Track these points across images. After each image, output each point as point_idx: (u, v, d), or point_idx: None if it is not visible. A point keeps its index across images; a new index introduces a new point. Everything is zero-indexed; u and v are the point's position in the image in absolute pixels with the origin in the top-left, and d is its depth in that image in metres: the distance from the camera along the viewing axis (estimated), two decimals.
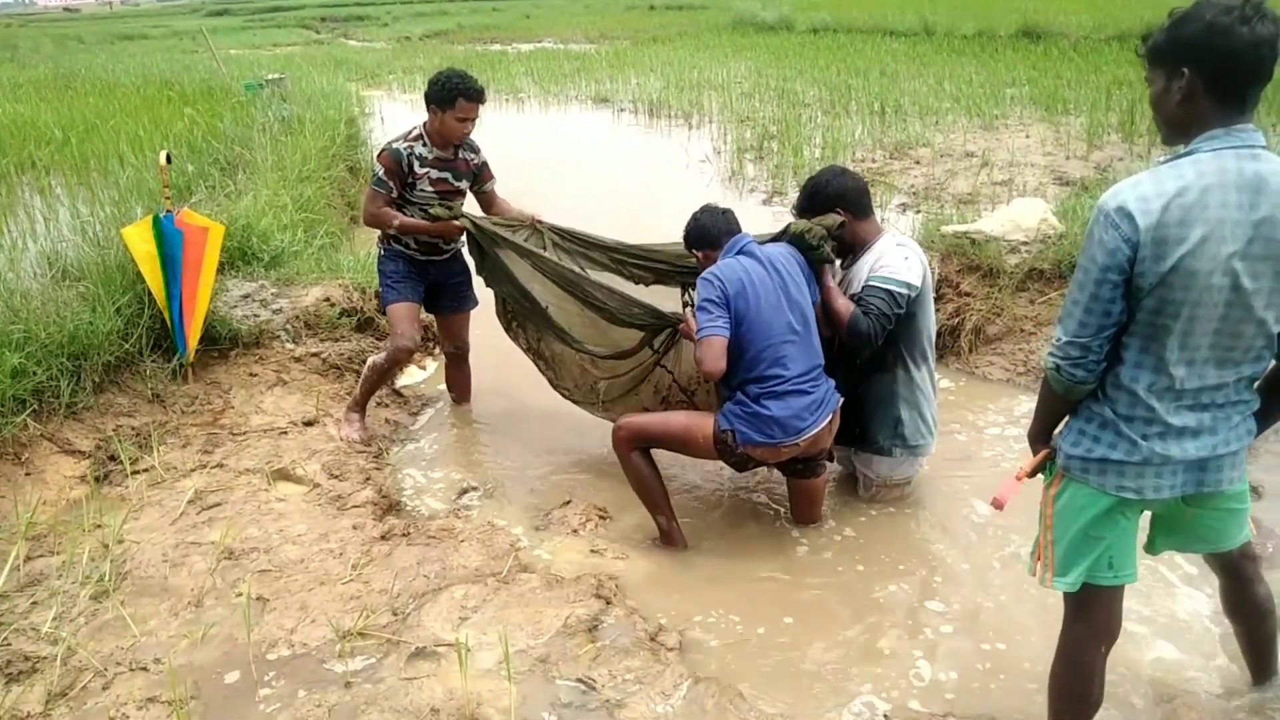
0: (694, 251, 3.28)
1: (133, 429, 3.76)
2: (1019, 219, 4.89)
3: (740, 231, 3.22)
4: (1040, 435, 2.05)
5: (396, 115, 12.08)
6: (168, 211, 3.96)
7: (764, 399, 2.97)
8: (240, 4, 47.74)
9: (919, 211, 6.71)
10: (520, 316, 3.90)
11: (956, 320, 4.59)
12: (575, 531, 3.26)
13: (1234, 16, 1.65)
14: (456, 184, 3.90)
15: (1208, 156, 1.71)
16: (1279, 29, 1.65)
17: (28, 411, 3.43)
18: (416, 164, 3.78)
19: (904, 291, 3.08)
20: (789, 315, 3.02)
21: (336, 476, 3.57)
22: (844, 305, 3.13)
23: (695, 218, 3.27)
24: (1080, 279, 1.79)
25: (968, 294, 4.71)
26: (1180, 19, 1.73)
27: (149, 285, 3.98)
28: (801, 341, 3.04)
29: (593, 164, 9.64)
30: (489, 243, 3.76)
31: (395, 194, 3.79)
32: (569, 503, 3.41)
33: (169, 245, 3.90)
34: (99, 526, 3.16)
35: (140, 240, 3.91)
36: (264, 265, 4.95)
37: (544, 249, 3.80)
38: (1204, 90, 1.71)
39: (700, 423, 3.11)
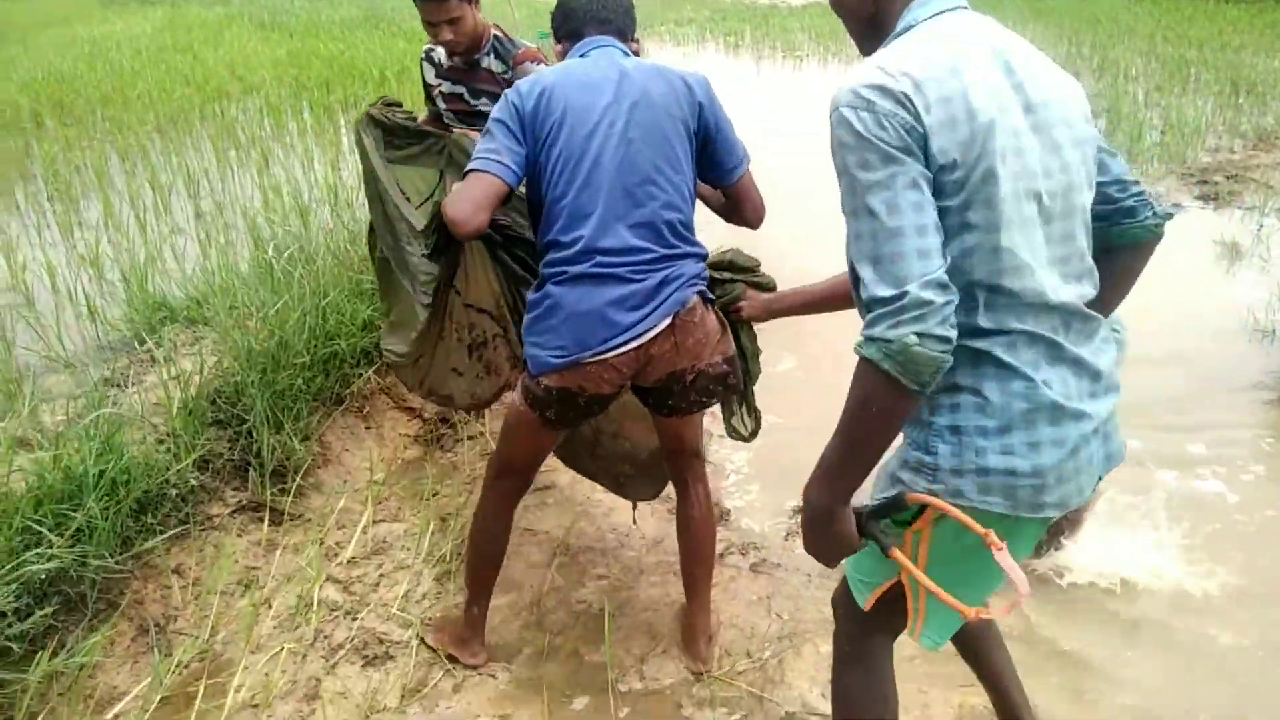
0: (554, 43, 2.26)
1: None
2: None
3: (615, 33, 2.15)
4: None
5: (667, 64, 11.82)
6: None
7: (552, 283, 1.95)
8: None
9: None
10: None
11: None
12: None
13: None
14: (473, 103, 2.88)
15: None
16: None
17: (374, 368, 3.42)
18: (430, 72, 2.93)
19: None
20: (626, 151, 1.94)
21: None
22: None
23: None
24: None
25: None
26: None
27: None
28: (636, 200, 1.95)
29: None
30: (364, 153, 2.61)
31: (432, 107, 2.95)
32: None
33: None
34: (436, 494, 3.08)
35: None
36: None
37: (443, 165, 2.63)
38: None
39: (516, 391, 2.14)
